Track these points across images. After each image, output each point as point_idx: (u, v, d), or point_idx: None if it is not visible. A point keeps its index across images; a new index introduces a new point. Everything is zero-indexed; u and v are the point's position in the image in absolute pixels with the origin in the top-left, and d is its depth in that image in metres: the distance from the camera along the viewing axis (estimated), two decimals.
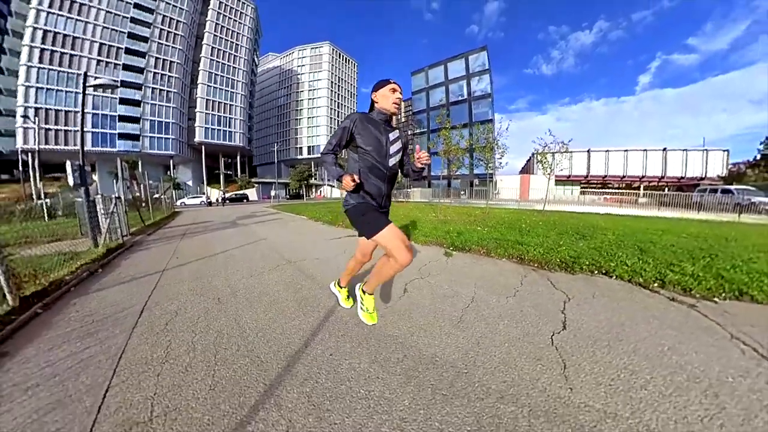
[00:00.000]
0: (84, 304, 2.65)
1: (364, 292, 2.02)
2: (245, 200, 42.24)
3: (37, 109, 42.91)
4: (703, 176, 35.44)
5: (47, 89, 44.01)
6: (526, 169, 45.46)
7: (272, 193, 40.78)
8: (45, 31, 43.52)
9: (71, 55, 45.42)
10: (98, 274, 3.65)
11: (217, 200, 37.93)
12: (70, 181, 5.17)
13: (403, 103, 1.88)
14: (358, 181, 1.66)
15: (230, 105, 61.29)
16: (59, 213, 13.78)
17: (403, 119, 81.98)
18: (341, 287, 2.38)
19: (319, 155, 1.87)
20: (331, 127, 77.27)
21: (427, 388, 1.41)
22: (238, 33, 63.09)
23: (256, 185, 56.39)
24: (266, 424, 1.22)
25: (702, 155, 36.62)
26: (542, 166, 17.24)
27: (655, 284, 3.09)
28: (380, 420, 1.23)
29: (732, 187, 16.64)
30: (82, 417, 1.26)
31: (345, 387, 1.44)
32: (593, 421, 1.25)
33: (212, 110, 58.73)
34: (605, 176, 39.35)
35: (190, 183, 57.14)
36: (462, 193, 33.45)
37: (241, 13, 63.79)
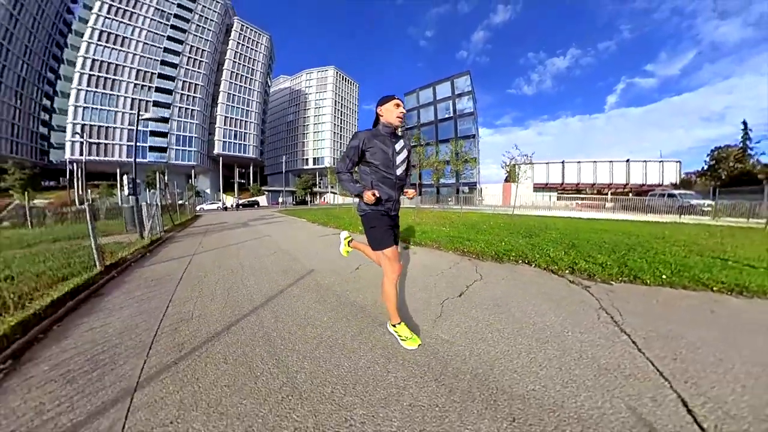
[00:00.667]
0: (143, 272, 3.67)
1: (394, 326, 1.79)
2: (256, 206, 43.07)
3: (83, 126, 44.10)
4: (660, 183, 36.66)
5: (92, 108, 45.39)
6: (511, 178, 46.84)
7: (280, 199, 41.73)
8: (93, 60, 45.13)
9: (113, 80, 46.87)
10: (147, 257, 4.66)
11: (231, 205, 38.86)
12: (126, 191, 6.18)
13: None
14: (378, 195, 1.64)
15: (245, 121, 62.57)
16: (102, 216, 14.76)
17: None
18: (396, 326, 1.81)
19: (336, 174, 1.81)
20: (334, 141, 78.35)
21: (346, 313, 2.42)
22: (254, 59, 64.67)
23: (267, 192, 57.25)
24: (248, 320, 2.22)
25: (659, 165, 38.29)
26: (510, 175, 18.53)
27: (566, 271, 3.21)
28: (301, 308, 2.24)
29: (676, 192, 17.01)
30: (155, 318, 2.25)
31: (293, 310, 2.45)
32: (436, 344, 1.71)
33: (229, 126, 60.02)
34: (578, 184, 40.85)
35: (208, 190, 58.02)
36: (449, 199, 33.83)
37: (257, 42, 65.50)
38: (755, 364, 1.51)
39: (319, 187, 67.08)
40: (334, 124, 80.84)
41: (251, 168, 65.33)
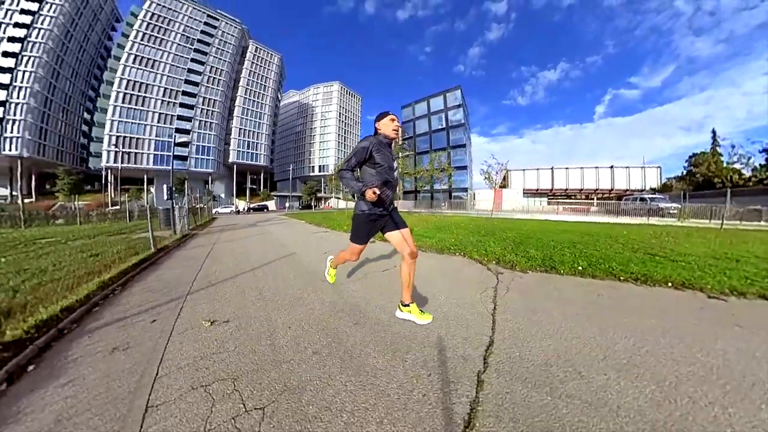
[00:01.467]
0: (180, 253, 5.28)
1: (409, 305, 1.91)
2: (266, 210, 44.64)
3: (117, 137, 46.96)
4: (643, 188, 35.96)
5: (125, 122, 48.22)
6: (504, 184, 46.40)
7: (287, 204, 43.62)
8: (128, 81, 48.11)
9: (144, 97, 49.77)
10: (181, 246, 6.30)
11: (243, 209, 40.88)
12: (164, 196, 7.87)
13: (401, 128, 1.91)
14: (378, 193, 1.64)
15: (257, 132, 65.05)
16: (135, 216, 16.68)
17: (400, 142, 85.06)
18: (407, 305, 1.92)
19: (339, 172, 1.84)
20: (338, 150, 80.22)
21: (303, 273, 4.04)
22: (266, 77, 67.40)
23: (275, 197, 59.18)
24: (246, 274, 3.76)
25: (641, 171, 38.37)
26: (488, 181, 19.84)
27: (492, 262, 3.45)
28: (281, 282, 3.85)
29: (646, 196, 16.99)
30: (193, 273, 3.80)
31: (273, 270, 4.05)
32: (349, 292, 2.75)
33: (243, 137, 62.51)
34: (566, 189, 40.74)
35: (223, 195, 60.25)
36: (443, 204, 34.19)
37: (269, 61, 68.31)
38: (575, 336, 1.71)
39: (324, 192, 68.99)
40: (338, 135, 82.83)
41: (262, 175, 67.62)
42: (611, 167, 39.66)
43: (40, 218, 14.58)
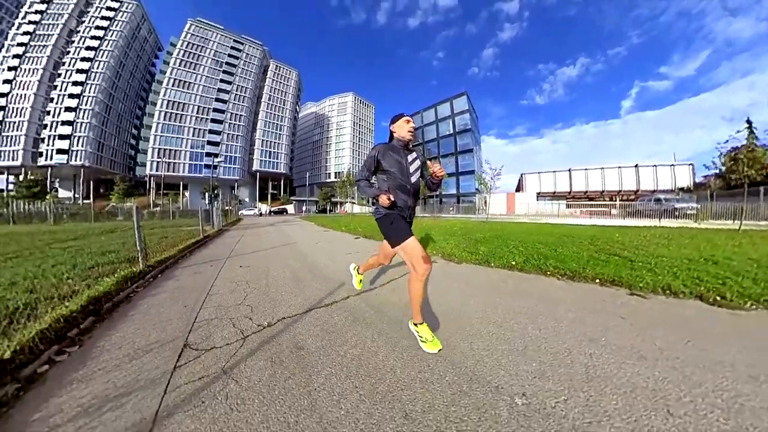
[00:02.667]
0: (219, 240, 7.56)
1: (416, 325, 1.64)
2: (285, 213, 47.95)
3: (159, 149, 53.11)
4: (673, 188, 32.06)
5: (165, 136, 54.31)
6: (520, 187, 45.02)
7: (304, 208, 46.96)
8: (168, 101, 54.30)
9: (180, 115, 55.80)
10: (219, 236, 8.72)
11: (265, 212, 44.65)
12: (198, 199, 10.43)
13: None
14: (392, 198, 1.62)
15: (278, 143, 69.73)
16: (177, 216, 19.98)
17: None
18: (358, 273, 2.28)
19: (356, 182, 1.86)
20: (353, 157, 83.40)
21: (300, 258, 6.22)
22: (285, 92, 72.30)
23: (294, 202, 62.86)
24: (260, 252, 5.98)
25: (670, 170, 34.47)
26: (483, 187, 20.10)
27: (438, 255, 4.07)
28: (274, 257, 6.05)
29: (662, 196, 15.96)
30: (229, 249, 5.99)
31: (277, 254, 6.26)
32: (314, 262, 5.80)
33: (265, 147, 67.35)
34: (586, 191, 38.28)
35: (247, 199, 65.05)
36: (451, 209, 34.10)
37: (288, 78, 73.26)
38: (463, 302, 2.24)
39: (339, 197, 72.05)
40: (353, 143, 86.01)
41: (282, 181, 72.11)
42: (636, 166, 36.14)
43: (104, 215, 18.16)
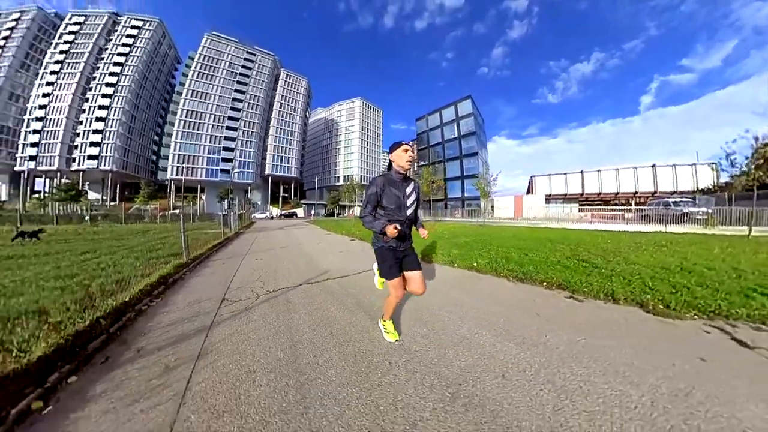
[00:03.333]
0: (237, 241, 8.99)
1: (384, 322, 2.06)
2: (294, 216, 49.56)
3: (178, 155, 56.67)
4: (694, 189, 29.77)
5: (184, 143, 57.81)
6: (530, 189, 43.67)
7: (312, 212, 48.76)
8: (186, 110, 57.84)
9: (198, 123, 59.24)
10: (237, 237, 10.17)
11: (276, 215, 46.69)
12: (225, 206, 11.95)
13: (415, 146, 2.42)
14: (399, 228, 1.61)
15: (289, 148, 72.32)
16: (196, 219, 21.85)
17: (414, 156, 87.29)
18: (385, 321, 2.08)
19: (361, 218, 1.83)
20: (361, 161, 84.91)
21: (303, 254, 7.52)
22: (295, 99, 74.98)
23: (304, 205, 64.80)
24: (272, 250, 7.38)
25: (691, 170, 31.49)
26: (481, 192, 20.65)
27: (445, 261, 4.52)
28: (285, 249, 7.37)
29: (670, 200, 15.01)
30: (248, 246, 7.46)
31: (285, 251, 7.60)
32: (288, 247, 7.14)
33: (277, 152, 70.02)
34: (600, 193, 35.89)
35: (259, 202, 67.59)
36: (456, 213, 33.51)
37: (298, 86, 75.95)
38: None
39: (346, 201, 73.66)
40: (361, 147, 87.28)
41: (293, 185, 74.60)
42: (653, 166, 33.28)
43: (132, 217, 20.17)
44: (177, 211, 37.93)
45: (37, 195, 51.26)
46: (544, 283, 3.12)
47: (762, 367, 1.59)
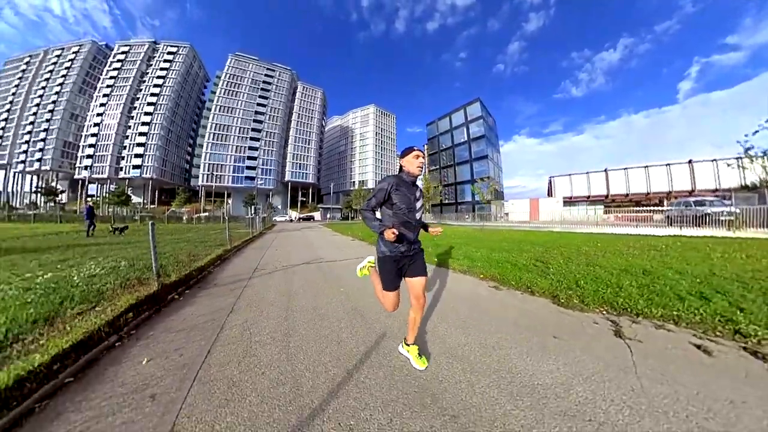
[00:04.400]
0: (261, 239, 11.02)
1: (410, 345, 1.79)
2: (312, 219, 52.45)
3: (208, 164, 62.43)
4: (743, 186, 26.61)
5: (213, 153, 63.63)
6: (550, 191, 41.57)
7: (328, 215, 51.41)
8: (216, 124, 63.87)
9: (225, 135, 65.03)
10: (260, 236, 12.23)
11: (295, 218, 49.84)
12: (252, 210, 14.18)
13: (426, 152, 2.77)
14: (397, 233, 1.55)
15: (306, 155, 76.44)
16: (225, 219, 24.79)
17: (425, 161, 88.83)
18: (408, 345, 1.80)
19: (360, 211, 1.78)
20: (375, 166, 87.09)
21: (308, 245, 9.39)
22: (312, 109, 79.30)
23: (321, 209, 68.03)
24: (286, 247, 9.33)
25: (736, 164, 26.47)
26: (478, 195, 20.78)
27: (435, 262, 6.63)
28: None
29: (691, 200, 13.34)
30: (269, 244, 9.44)
31: (294, 247, 9.49)
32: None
33: (296, 160, 74.32)
34: (628, 194, 32.53)
35: (279, 206, 71.92)
36: (466, 216, 32.57)
37: (313, 96, 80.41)
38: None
39: (359, 205, 75.87)
40: (376, 152, 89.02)
41: (310, 190, 78.43)
42: (689, 162, 29.68)
43: (171, 218, 23.38)
44: (207, 213, 42.22)
45: (90, 198, 58.86)
46: (481, 275, 3.72)
47: (603, 344, 1.87)
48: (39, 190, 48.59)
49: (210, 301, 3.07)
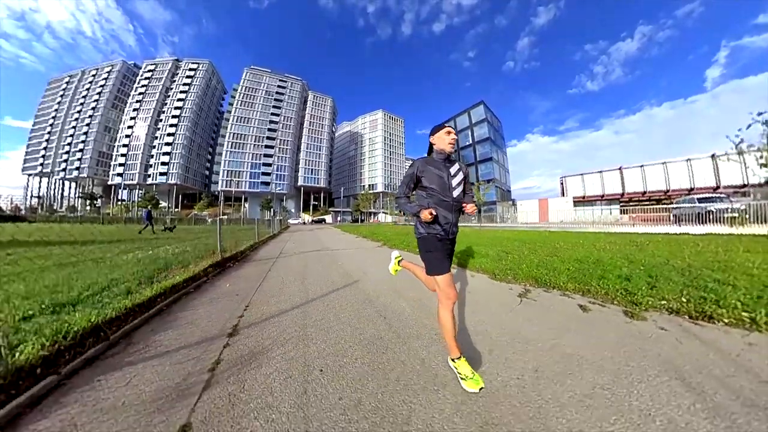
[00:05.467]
0: (279, 237, 12.77)
1: (453, 360, 1.47)
2: (323, 222, 55.33)
3: (227, 171, 66.68)
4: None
5: (231, 161, 67.87)
6: (563, 192, 39.92)
7: (339, 218, 53.56)
8: (233, 134, 68.29)
9: (242, 143, 69.27)
10: (279, 234, 14.01)
11: (308, 221, 52.24)
12: (271, 213, 16.04)
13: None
14: (435, 213, 1.48)
15: (318, 161, 79.47)
16: (244, 223, 27.03)
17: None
18: (454, 360, 1.48)
19: (396, 200, 1.74)
20: (384, 170, 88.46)
21: (318, 240, 11.05)
22: (322, 117, 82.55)
23: (332, 212, 70.66)
24: (300, 241, 11.03)
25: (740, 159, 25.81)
26: (476, 195, 21.08)
27: (381, 243, 11.05)
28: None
29: (696, 197, 13.24)
30: (288, 237, 11.20)
31: (303, 242, 11.17)
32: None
33: (308, 165, 77.50)
34: (645, 192, 31.09)
35: (293, 210, 75.10)
36: (472, 218, 32.59)
37: (323, 104, 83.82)
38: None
39: (372, 208, 77.76)
40: (384, 156, 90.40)
41: (322, 194, 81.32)
42: (712, 156, 27.91)
43: (199, 220, 25.83)
44: (226, 216, 45.11)
45: (122, 202, 64.06)
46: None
47: (507, 299, 2.54)
48: (83, 195, 53.90)
49: (255, 267, 4.76)
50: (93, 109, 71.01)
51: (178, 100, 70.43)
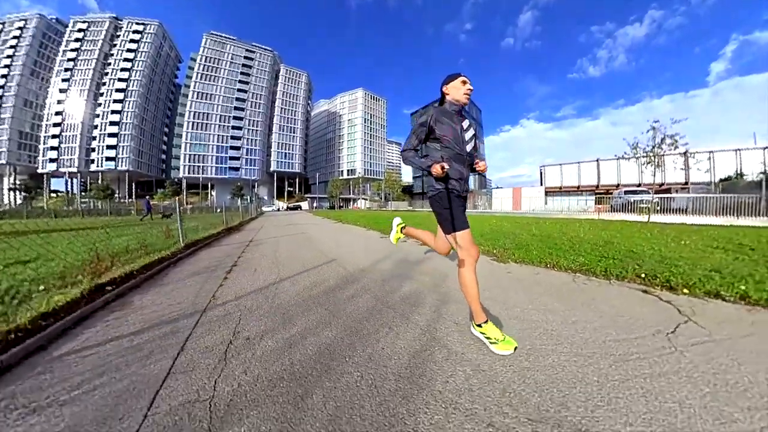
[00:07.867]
0: (255, 222, 12.24)
1: (479, 326, 1.43)
2: (299, 209, 53.91)
3: (189, 155, 60.83)
4: (738, 175, 26.89)
5: (193, 143, 61.88)
6: (542, 181, 41.21)
7: (315, 204, 52.09)
8: (193, 112, 61.91)
9: (205, 123, 63.13)
10: (254, 220, 13.18)
11: (282, 208, 50.14)
12: (236, 200, 14.89)
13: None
14: (448, 167, 1.40)
15: (292, 144, 75.59)
16: (216, 210, 25.11)
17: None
18: (481, 325, 1.44)
19: (401, 153, 1.62)
20: (364, 154, 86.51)
21: (295, 225, 10.35)
22: (296, 94, 77.71)
23: (308, 199, 68.66)
24: (276, 225, 10.29)
25: (762, 153, 27.29)
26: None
27: (361, 226, 11.19)
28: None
29: (623, 191, 15.94)
30: (262, 224, 10.67)
31: (278, 225, 10.44)
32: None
33: (281, 149, 73.49)
34: (618, 185, 32.07)
35: (266, 197, 71.64)
36: None
37: (298, 80, 78.50)
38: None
39: (351, 194, 76.32)
40: (364, 139, 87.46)
41: (297, 179, 78.03)
42: (685, 153, 25.13)
43: (158, 212, 23.47)
44: (191, 206, 41.76)
45: (56, 194, 56.54)
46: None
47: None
48: (17, 187, 46.70)
49: (231, 247, 4.72)
50: (4, 77, 58.57)
51: (122, 69, 61.61)
